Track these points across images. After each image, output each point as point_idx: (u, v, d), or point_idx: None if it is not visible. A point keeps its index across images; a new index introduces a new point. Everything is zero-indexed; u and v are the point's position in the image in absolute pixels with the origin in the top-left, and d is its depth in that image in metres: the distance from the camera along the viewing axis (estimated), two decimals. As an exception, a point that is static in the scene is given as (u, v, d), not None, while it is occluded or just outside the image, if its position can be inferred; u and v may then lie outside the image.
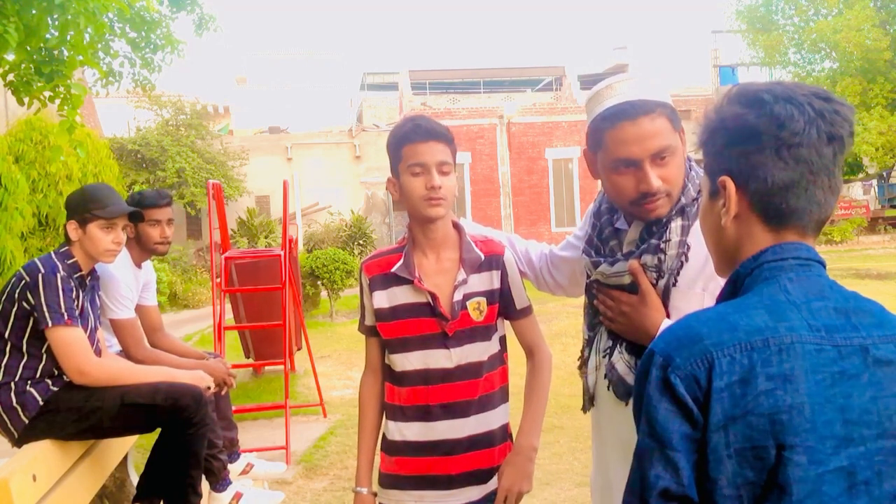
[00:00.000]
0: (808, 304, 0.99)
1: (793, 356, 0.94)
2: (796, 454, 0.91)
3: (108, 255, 2.78)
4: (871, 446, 0.95)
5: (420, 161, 1.80)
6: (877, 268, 14.99)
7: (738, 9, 25.00)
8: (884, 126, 20.54)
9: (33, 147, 8.55)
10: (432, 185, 1.79)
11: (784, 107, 1.01)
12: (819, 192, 1.03)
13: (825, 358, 0.95)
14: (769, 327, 0.95)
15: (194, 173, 18.74)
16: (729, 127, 1.06)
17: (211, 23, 7.04)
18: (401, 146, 1.83)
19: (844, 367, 0.95)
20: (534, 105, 26.22)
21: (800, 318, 0.97)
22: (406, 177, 1.83)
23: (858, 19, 21.34)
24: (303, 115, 27.94)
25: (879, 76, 22.22)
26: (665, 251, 1.50)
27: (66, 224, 2.77)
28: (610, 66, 33.10)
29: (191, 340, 10.81)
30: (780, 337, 0.95)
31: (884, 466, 0.95)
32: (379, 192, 23.10)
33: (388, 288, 1.89)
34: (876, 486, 0.95)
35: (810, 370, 0.94)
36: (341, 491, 4.40)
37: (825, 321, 0.98)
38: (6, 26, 3.50)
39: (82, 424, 2.64)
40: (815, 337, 0.96)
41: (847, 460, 0.93)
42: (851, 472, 0.94)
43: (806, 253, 1.04)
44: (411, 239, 1.93)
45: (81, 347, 2.59)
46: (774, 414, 0.92)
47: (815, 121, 1.01)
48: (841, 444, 0.93)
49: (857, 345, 0.97)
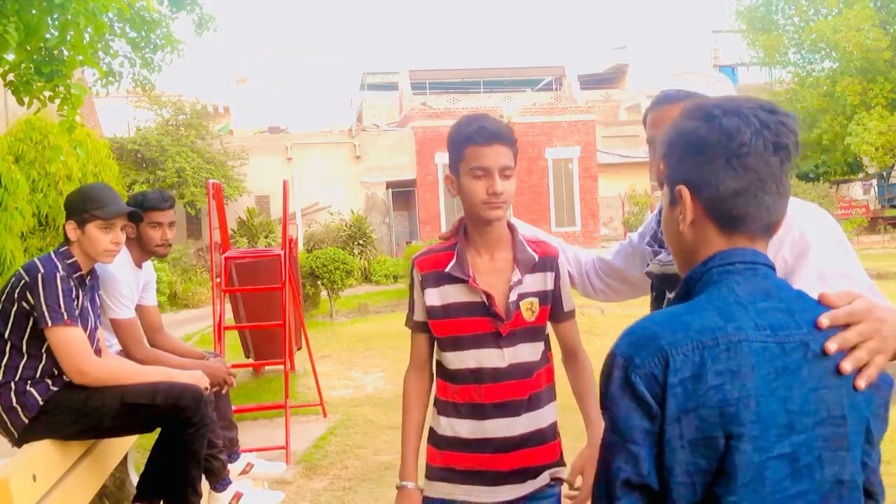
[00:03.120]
0: (754, 305, 1.07)
1: (740, 353, 1.02)
2: (742, 443, 1.00)
3: (107, 255, 2.77)
4: (812, 434, 1.03)
5: (483, 165, 1.80)
6: (877, 268, 14.99)
7: (738, 9, 25.01)
8: (884, 126, 20.54)
9: (33, 147, 8.54)
10: (494, 190, 1.79)
11: (731, 119, 1.09)
12: (768, 198, 1.11)
13: (769, 354, 1.03)
14: (719, 327, 1.03)
15: (194, 173, 18.73)
16: (684, 140, 1.15)
17: (211, 23, 7.04)
18: (464, 146, 1.82)
19: (787, 363, 1.04)
20: (534, 105, 26.21)
21: (747, 318, 1.05)
22: (467, 178, 1.82)
23: (858, 19, 21.36)
24: (303, 115, 27.95)
25: (879, 76, 22.24)
26: None
27: (65, 224, 2.77)
28: (610, 66, 33.10)
29: (191, 340, 10.80)
30: (728, 336, 1.03)
31: (824, 452, 1.04)
32: (379, 192, 23.10)
33: (440, 286, 1.89)
34: (817, 471, 1.03)
35: (756, 366, 1.02)
36: (341, 491, 4.40)
37: (770, 320, 1.05)
38: (6, 26, 3.50)
39: (82, 424, 2.64)
40: (760, 335, 1.04)
41: (790, 447, 1.02)
42: (794, 458, 1.02)
43: (752, 257, 1.12)
44: (465, 237, 1.91)
45: (81, 347, 2.59)
46: (723, 406, 1.00)
47: (761, 132, 1.09)
48: (784, 432, 1.02)
49: (799, 341, 1.05)
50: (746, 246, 1.13)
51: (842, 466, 1.05)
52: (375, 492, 4.35)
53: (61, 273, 2.59)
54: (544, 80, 31.04)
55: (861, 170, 27.07)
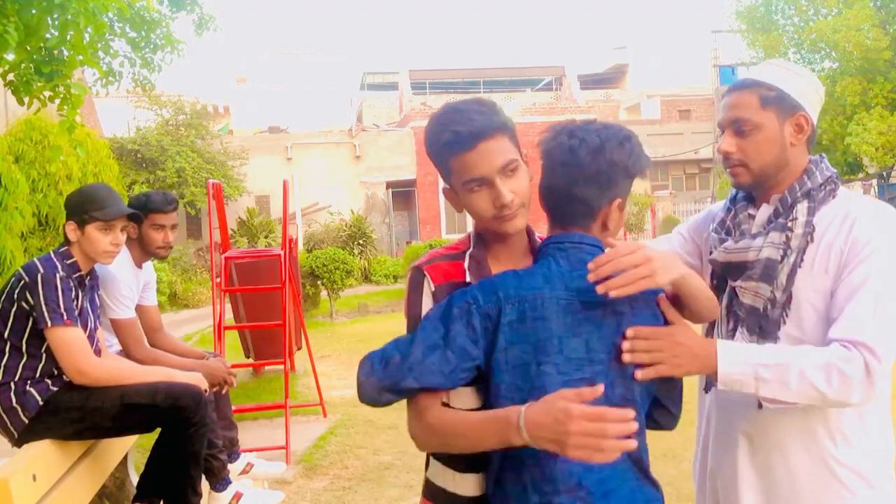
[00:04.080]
0: (570, 273, 1.44)
1: (550, 307, 1.40)
2: (548, 367, 1.38)
3: (106, 256, 2.77)
4: (606, 366, 1.41)
5: (476, 176, 1.45)
6: (877, 268, 14.97)
7: (737, 9, 24.99)
8: (884, 126, 20.54)
9: (33, 147, 8.54)
10: (502, 202, 1.45)
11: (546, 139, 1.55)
12: (561, 199, 1.51)
13: (573, 308, 1.41)
14: (539, 286, 1.41)
15: (194, 173, 18.74)
16: None
17: (211, 22, 7.04)
18: (446, 159, 1.48)
19: (588, 315, 1.41)
20: (534, 105, 26.20)
21: (561, 283, 1.42)
22: (465, 193, 1.48)
23: (858, 19, 21.34)
24: (303, 115, 27.95)
25: (879, 76, 22.22)
26: (792, 229, 1.59)
27: (65, 224, 2.77)
28: (610, 66, 33.10)
29: (191, 340, 10.80)
30: (543, 294, 1.41)
31: (615, 378, 1.41)
32: (379, 192, 23.10)
33: None
34: (609, 390, 1.39)
35: (561, 315, 1.40)
36: (341, 491, 4.40)
37: (579, 285, 1.41)
38: (6, 26, 3.49)
39: (82, 424, 2.64)
40: (568, 295, 1.41)
41: (589, 374, 1.39)
42: (591, 381, 1.35)
43: (578, 238, 1.49)
44: (483, 245, 1.58)
45: (80, 347, 2.59)
46: (535, 343, 1.38)
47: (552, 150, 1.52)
48: (584, 363, 1.39)
49: (599, 301, 1.40)
50: (563, 232, 1.51)
51: (627, 389, 1.42)
52: (375, 492, 4.35)
53: (61, 273, 2.59)
54: (544, 80, 31.05)
55: (861, 170, 27.05)
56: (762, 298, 1.61)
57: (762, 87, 1.63)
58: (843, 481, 1.58)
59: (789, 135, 1.63)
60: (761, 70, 1.68)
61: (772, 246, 1.60)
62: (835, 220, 1.58)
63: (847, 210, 1.58)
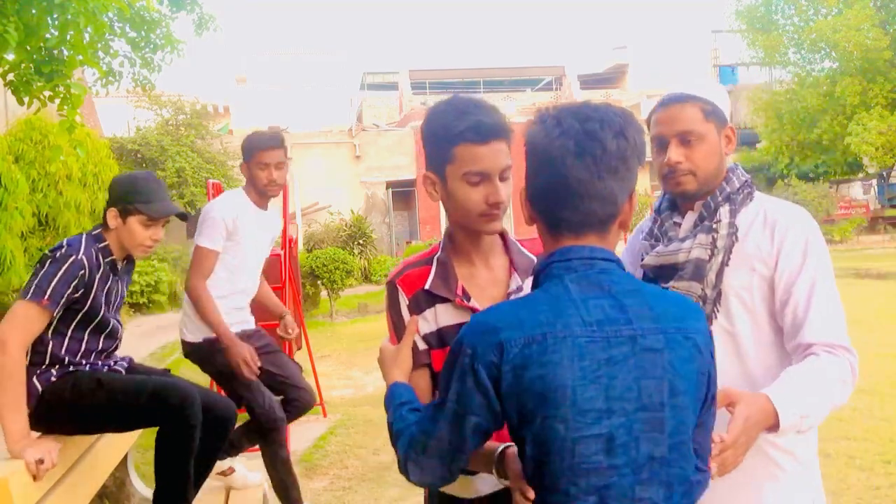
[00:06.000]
0: (585, 302, 1.19)
1: (563, 348, 1.15)
2: (556, 422, 1.15)
3: (142, 250, 2.66)
4: (632, 417, 1.17)
5: (481, 169, 1.46)
6: (877, 267, 15.00)
7: (737, 9, 24.99)
8: (883, 126, 20.54)
9: (33, 147, 8.55)
10: (497, 199, 1.47)
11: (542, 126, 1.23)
12: (580, 201, 1.21)
13: (594, 347, 1.16)
14: (549, 322, 1.16)
15: (194, 173, 18.73)
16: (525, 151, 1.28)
17: (211, 22, 7.05)
18: (453, 144, 1.47)
19: (612, 355, 1.16)
20: (534, 105, 26.20)
21: (575, 315, 1.17)
22: (459, 183, 1.48)
23: (858, 19, 21.35)
24: (303, 115, 27.95)
25: (879, 76, 22.22)
26: (717, 230, 1.69)
27: (107, 210, 2.64)
28: (610, 66, 33.10)
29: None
30: (555, 332, 1.16)
31: (641, 434, 1.17)
32: (379, 192, 23.10)
33: (430, 307, 1.55)
34: (633, 449, 1.17)
35: (578, 357, 1.15)
36: (341, 491, 4.40)
37: (598, 316, 1.18)
38: (6, 26, 3.50)
39: (73, 422, 2.61)
40: (586, 331, 1.16)
41: (608, 429, 1.16)
42: (610, 437, 1.16)
43: (589, 253, 1.23)
44: (451, 246, 1.59)
45: (26, 326, 2.44)
46: (543, 392, 1.15)
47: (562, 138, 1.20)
48: (603, 415, 1.16)
49: (627, 336, 1.17)
50: (572, 244, 1.24)
51: (656, 445, 1.19)
52: (375, 492, 4.35)
53: (79, 257, 2.48)
54: (544, 80, 31.06)
55: (861, 170, 27.05)
56: (694, 296, 1.69)
57: (701, 101, 1.71)
58: (776, 461, 1.67)
59: (724, 145, 1.75)
60: (696, 85, 1.75)
61: (700, 247, 1.69)
62: (756, 221, 1.70)
63: (765, 211, 1.70)
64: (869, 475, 4.07)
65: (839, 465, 4.21)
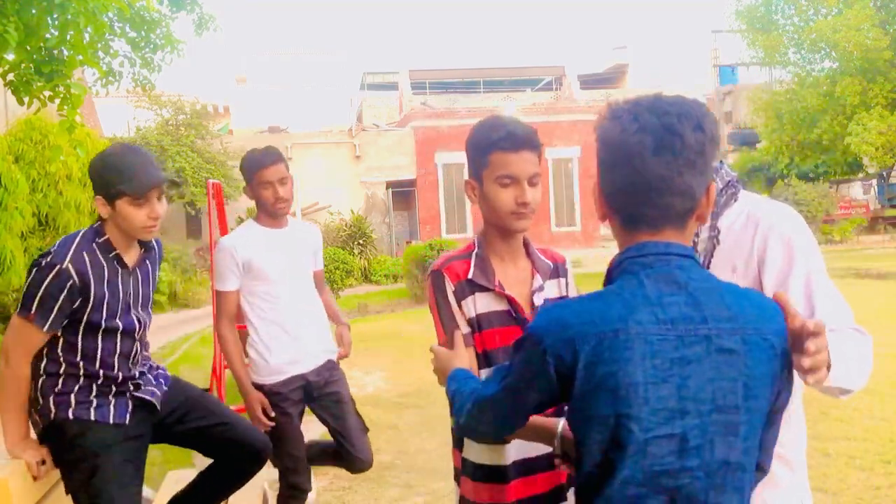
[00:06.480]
0: (660, 299, 1.16)
1: (636, 345, 1.13)
2: (630, 421, 1.13)
3: (146, 232, 2.37)
4: (706, 419, 1.14)
5: (510, 173, 1.72)
6: (877, 267, 14.99)
7: (737, 9, 24.99)
8: (883, 126, 20.54)
9: (33, 147, 8.55)
10: (524, 200, 1.72)
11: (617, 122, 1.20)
12: (659, 197, 1.19)
13: (667, 346, 1.14)
14: (621, 318, 1.15)
15: (194, 173, 18.76)
16: (597, 147, 1.27)
17: (211, 22, 7.05)
18: (488, 152, 1.73)
19: (685, 354, 1.14)
20: (534, 105, 26.22)
21: (649, 312, 1.15)
22: (492, 186, 1.74)
23: (858, 19, 21.34)
24: (303, 115, 27.95)
25: (879, 76, 22.22)
26: (698, 234, 1.65)
27: (94, 199, 2.38)
28: (610, 66, 33.09)
29: (190, 340, 10.82)
30: (627, 329, 1.14)
31: (716, 436, 1.15)
32: (379, 192, 23.10)
33: (471, 295, 1.77)
34: (707, 452, 1.15)
35: (650, 355, 1.13)
36: (341, 491, 4.40)
37: (673, 314, 1.15)
38: (6, 26, 3.50)
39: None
40: (659, 329, 1.14)
41: (680, 429, 1.14)
42: (683, 438, 1.14)
43: (664, 248, 1.20)
44: (486, 245, 1.82)
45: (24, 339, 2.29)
46: (615, 390, 1.13)
47: (640, 133, 1.18)
48: (675, 415, 1.14)
49: (702, 335, 1.15)
50: (649, 239, 1.22)
51: (730, 449, 1.16)
52: (375, 492, 4.35)
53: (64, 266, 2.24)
54: (544, 80, 31.05)
55: (861, 170, 27.06)
56: None
57: None
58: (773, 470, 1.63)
59: None
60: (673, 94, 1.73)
61: None
62: (737, 221, 1.62)
63: (749, 212, 1.63)
64: (869, 475, 4.06)
65: (839, 465, 4.21)
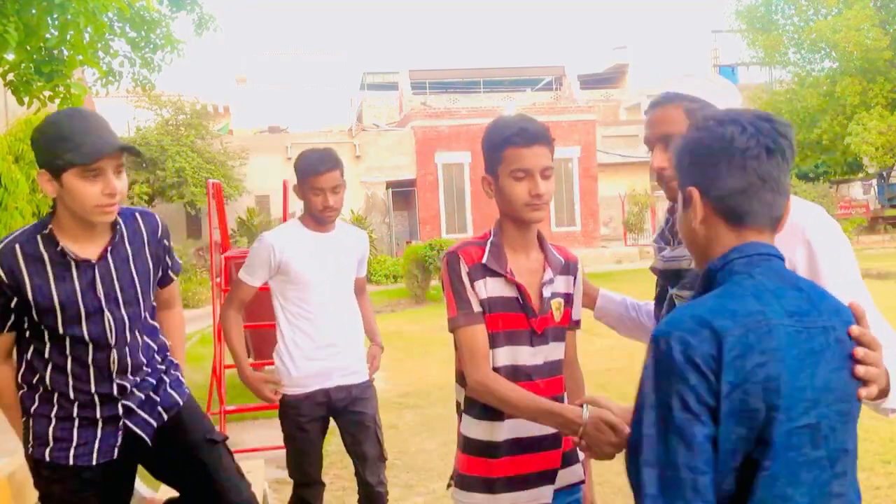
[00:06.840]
0: (782, 293, 1.20)
1: (776, 335, 1.15)
2: (780, 413, 1.13)
3: (101, 212, 1.96)
4: (832, 409, 1.18)
5: (524, 167, 1.80)
6: (877, 268, 14.99)
7: (737, 9, 25.00)
8: (883, 126, 20.54)
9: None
10: (537, 192, 1.81)
11: (730, 127, 1.24)
12: (768, 195, 1.24)
13: (799, 338, 1.17)
14: (759, 311, 1.16)
15: (194, 173, 18.76)
16: (690, 147, 1.29)
17: (211, 22, 7.05)
18: (502, 148, 1.82)
19: (813, 346, 1.18)
20: (534, 105, 26.23)
21: (778, 305, 1.18)
22: (507, 180, 1.82)
23: (858, 19, 21.35)
24: (303, 114, 27.95)
25: (879, 76, 22.22)
26: None
27: (38, 175, 1.98)
28: (610, 66, 33.11)
29: (191, 340, 10.82)
30: (768, 320, 1.16)
31: (837, 424, 1.19)
32: (379, 192, 23.10)
33: (483, 278, 1.85)
34: (832, 440, 1.18)
35: (788, 346, 1.15)
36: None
37: (795, 307, 1.19)
38: (6, 26, 3.50)
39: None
40: (791, 321, 1.17)
41: (815, 419, 1.16)
42: (817, 428, 1.16)
43: (766, 249, 1.25)
44: (502, 234, 1.91)
45: None
46: (766, 382, 1.13)
47: (756, 137, 1.23)
48: (811, 406, 1.16)
49: (821, 326, 1.20)
50: (755, 239, 1.25)
51: (848, 436, 1.21)
52: (375, 492, 4.35)
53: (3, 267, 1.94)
54: (544, 79, 31.06)
55: (861, 170, 27.08)
56: None
57: (685, 100, 1.63)
58: None
59: None
60: (681, 83, 1.67)
61: None
62: None
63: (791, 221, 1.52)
64: (869, 475, 4.06)
65: (839, 465, 4.21)
